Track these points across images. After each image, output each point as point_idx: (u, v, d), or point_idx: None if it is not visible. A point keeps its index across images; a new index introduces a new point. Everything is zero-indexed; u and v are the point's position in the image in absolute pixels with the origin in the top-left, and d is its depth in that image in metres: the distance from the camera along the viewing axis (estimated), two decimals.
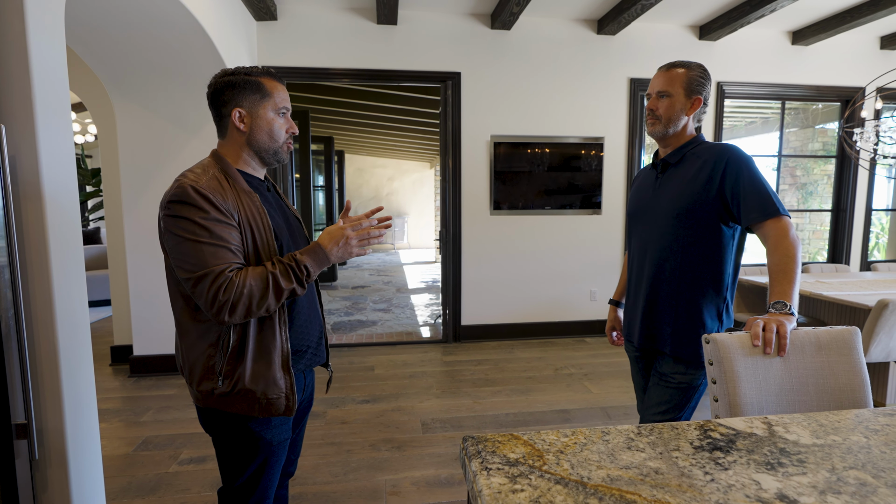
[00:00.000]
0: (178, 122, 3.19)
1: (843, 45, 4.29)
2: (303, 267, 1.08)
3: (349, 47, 3.74)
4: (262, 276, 1.04)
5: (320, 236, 1.14)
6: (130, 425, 2.64)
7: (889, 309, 2.28)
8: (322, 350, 1.30)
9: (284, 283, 1.06)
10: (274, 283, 1.05)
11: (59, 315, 1.45)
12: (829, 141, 5.52)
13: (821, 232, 5.59)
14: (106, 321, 4.81)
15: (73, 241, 1.53)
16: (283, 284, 1.06)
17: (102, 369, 3.48)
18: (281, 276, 1.06)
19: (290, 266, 1.08)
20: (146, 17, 2.43)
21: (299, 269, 1.08)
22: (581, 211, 4.16)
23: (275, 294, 1.05)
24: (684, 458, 0.77)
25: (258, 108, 1.13)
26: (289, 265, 1.08)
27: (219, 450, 1.18)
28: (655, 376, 1.48)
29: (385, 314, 5.16)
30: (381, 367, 3.53)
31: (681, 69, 1.42)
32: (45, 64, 1.41)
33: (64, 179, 1.49)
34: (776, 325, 1.13)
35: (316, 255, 1.11)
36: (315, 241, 1.14)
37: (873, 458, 0.77)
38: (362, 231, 1.13)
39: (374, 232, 1.14)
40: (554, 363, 3.60)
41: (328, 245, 1.12)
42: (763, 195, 1.30)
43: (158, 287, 3.23)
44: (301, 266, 1.08)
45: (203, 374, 1.10)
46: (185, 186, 1.03)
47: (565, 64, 3.99)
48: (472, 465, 0.74)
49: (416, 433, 2.54)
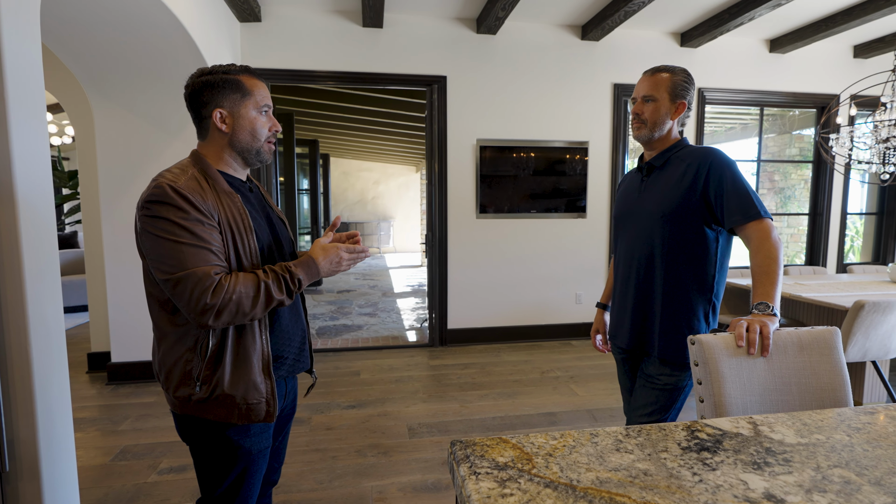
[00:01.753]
0: (159, 123, 3.12)
1: (819, 53, 4.41)
2: (297, 279, 1.08)
3: (334, 50, 3.72)
4: (253, 283, 1.02)
5: (313, 250, 1.15)
6: (108, 434, 2.57)
7: (865, 310, 2.34)
8: (305, 356, 1.27)
9: (276, 294, 1.05)
10: (266, 291, 1.03)
11: (32, 321, 1.40)
12: (806, 146, 5.66)
13: (798, 235, 5.72)
14: (83, 327, 4.68)
15: (48, 244, 1.48)
16: (275, 294, 1.04)
17: (79, 377, 3.38)
18: (273, 286, 1.04)
19: (284, 277, 1.06)
20: (127, 16, 2.38)
21: (293, 281, 1.07)
22: (566, 215, 4.19)
23: (265, 303, 1.04)
24: (672, 459, 0.77)
25: (239, 107, 1.11)
26: (282, 276, 1.06)
27: (196, 459, 1.15)
28: (642, 378, 1.49)
29: (371, 318, 5.12)
30: (366, 372, 3.50)
31: (665, 74, 1.44)
32: (19, 62, 1.37)
33: (38, 182, 1.44)
34: (759, 325, 1.15)
35: (309, 268, 1.11)
36: (308, 255, 1.14)
37: (856, 456, 0.78)
38: (354, 255, 1.18)
39: (361, 256, 1.21)
40: (540, 366, 3.60)
41: (321, 260, 1.12)
42: (745, 198, 1.32)
43: (137, 292, 3.15)
44: (295, 278, 1.08)
45: (180, 379, 1.07)
46: (163, 186, 1.00)
47: (550, 69, 4.03)
48: (460, 470, 0.73)
49: (403, 438, 2.51)
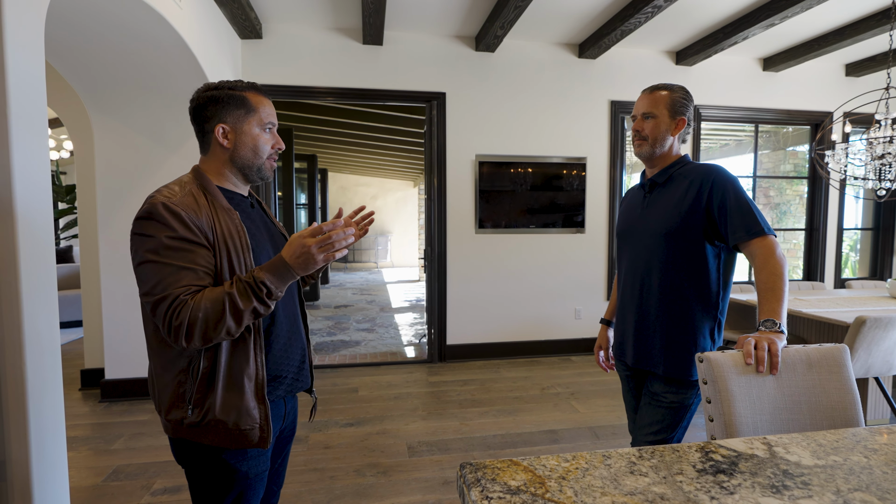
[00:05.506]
0: (158, 138, 3.12)
1: (812, 71, 4.49)
2: (260, 284, 0.97)
3: (334, 66, 3.75)
4: (218, 296, 0.96)
5: (283, 248, 1.01)
6: (100, 454, 2.51)
7: (867, 326, 2.33)
8: (305, 375, 1.23)
9: (243, 303, 0.96)
10: (231, 303, 0.96)
11: (27, 339, 1.37)
12: (800, 162, 5.73)
13: (794, 250, 5.75)
14: (77, 343, 4.62)
15: (46, 261, 1.46)
16: (241, 304, 0.96)
17: (72, 394, 3.32)
18: (239, 296, 0.96)
19: (248, 283, 0.98)
20: (129, 32, 2.39)
21: (257, 286, 0.97)
22: (565, 230, 4.20)
23: (233, 316, 0.96)
24: (688, 482, 0.75)
25: (242, 123, 1.10)
26: (247, 283, 0.98)
27: (192, 482, 1.12)
28: (647, 396, 1.47)
29: (369, 334, 5.08)
30: (365, 389, 3.45)
31: (664, 91, 1.45)
32: (23, 77, 1.37)
33: (38, 197, 1.43)
34: (767, 343, 1.13)
35: (276, 269, 0.99)
36: (278, 255, 1.01)
37: (876, 478, 0.77)
38: (323, 238, 0.97)
39: (338, 235, 0.97)
40: (540, 382, 3.57)
41: (289, 257, 0.99)
42: (748, 214, 1.32)
43: (133, 308, 3.11)
44: (258, 283, 0.97)
45: (172, 401, 1.04)
46: (155, 204, 0.99)
47: (548, 86, 4.07)
48: (471, 494, 0.71)
49: (402, 457, 2.47)
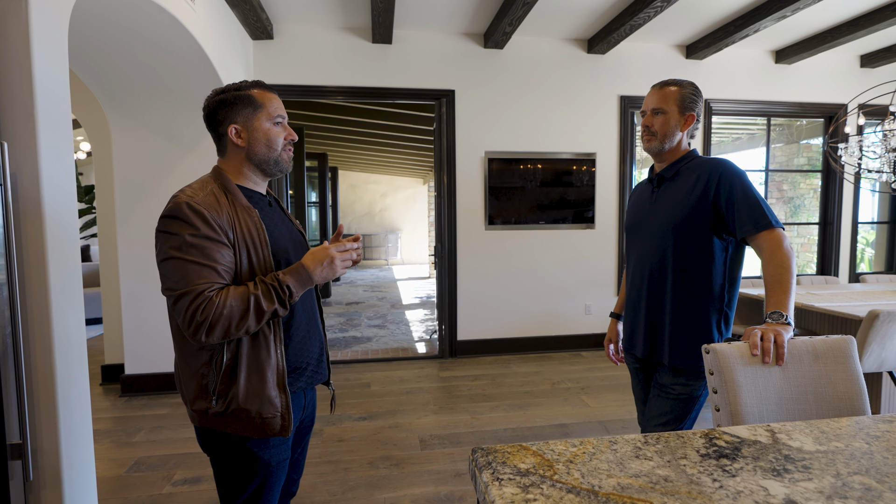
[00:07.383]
0: (174, 139, 3.20)
1: (825, 63, 4.43)
2: (285, 287, 1.07)
3: (344, 66, 3.80)
4: (243, 296, 1.03)
5: (304, 256, 1.13)
6: (122, 446, 2.59)
7: (880, 319, 2.32)
8: (323, 367, 1.28)
9: (266, 305, 1.04)
10: (255, 303, 1.03)
11: (56, 334, 1.43)
12: (814, 156, 5.66)
13: (808, 244, 5.68)
14: (97, 339, 4.74)
15: (72, 259, 1.52)
16: (265, 306, 1.04)
17: (93, 388, 3.41)
18: (263, 297, 1.04)
19: (273, 286, 1.06)
20: (147, 37, 2.45)
21: (282, 289, 1.06)
22: (574, 225, 4.20)
23: (255, 315, 1.04)
24: (692, 465, 0.78)
25: (252, 120, 1.14)
26: (271, 285, 1.06)
27: (216, 470, 1.17)
28: (656, 388, 1.49)
29: (380, 330, 5.13)
30: (377, 384, 3.51)
31: (674, 87, 1.46)
32: (48, 82, 1.43)
33: (64, 197, 1.49)
34: (773, 334, 1.15)
35: (299, 275, 1.09)
36: (299, 262, 1.12)
37: (876, 463, 0.79)
38: (345, 252, 1.15)
39: (353, 254, 1.18)
40: (551, 377, 3.59)
41: (312, 266, 1.10)
42: (756, 208, 1.33)
43: (152, 304, 3.19)
44: (283, 286, 1.06)
45: (197, 393, 1.09)
46: (179, 203, 1.04)
47: (557, 82, 4.08)
48: (483, 476, 0.75)
49: (415, 450, 2.51)
